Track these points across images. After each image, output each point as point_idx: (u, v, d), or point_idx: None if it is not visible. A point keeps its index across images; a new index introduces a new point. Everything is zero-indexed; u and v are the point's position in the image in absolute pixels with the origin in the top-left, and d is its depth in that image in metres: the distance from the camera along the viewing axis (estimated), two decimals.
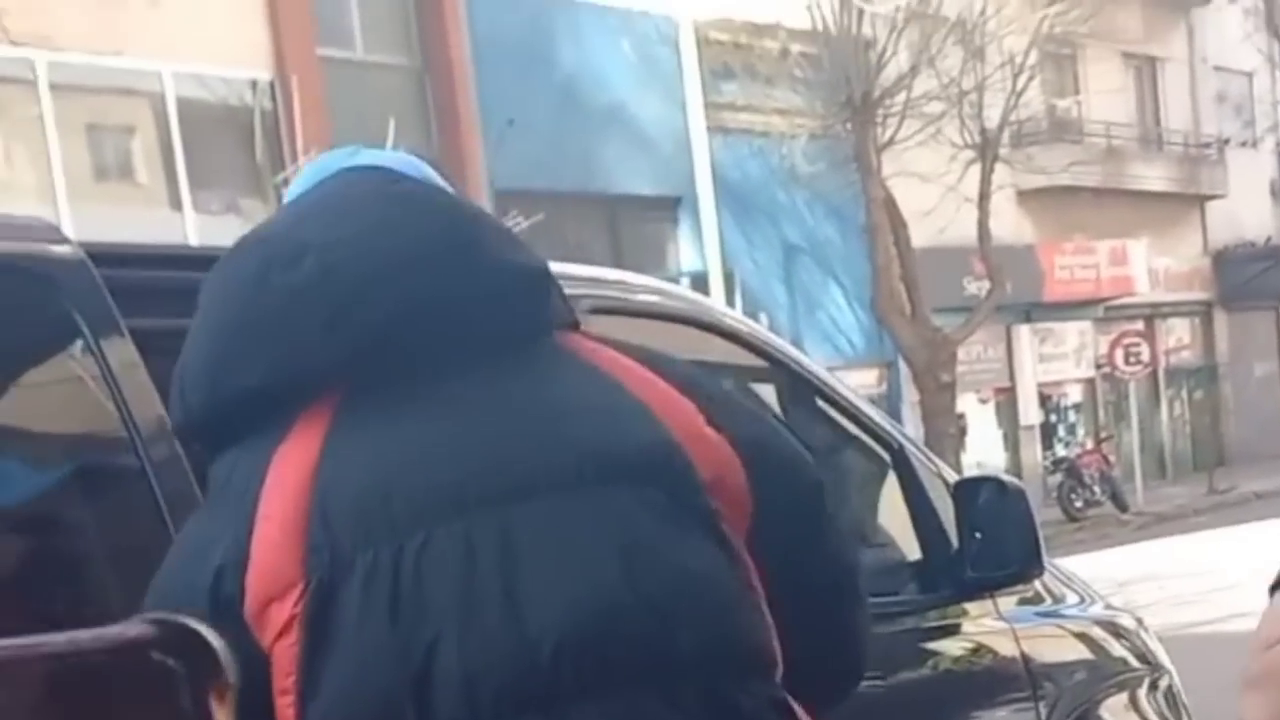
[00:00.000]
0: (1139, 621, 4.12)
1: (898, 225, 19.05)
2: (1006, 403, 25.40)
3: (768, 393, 3.60)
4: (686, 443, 1.75)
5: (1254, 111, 30.73)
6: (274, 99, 14.22)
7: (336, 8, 15.54)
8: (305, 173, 1.98)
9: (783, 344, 3.55)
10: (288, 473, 1.71)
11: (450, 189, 1.94)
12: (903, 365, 20.45)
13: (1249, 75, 30.76)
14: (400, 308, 1.73)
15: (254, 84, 14.32)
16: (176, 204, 13.27)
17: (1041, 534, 3.39)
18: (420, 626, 1.65)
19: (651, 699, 1.66)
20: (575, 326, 1.89)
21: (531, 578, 1.66)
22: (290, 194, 1.96)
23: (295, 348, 1.72)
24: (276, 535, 1.68)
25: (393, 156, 1.98)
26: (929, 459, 3.61)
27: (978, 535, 3.32)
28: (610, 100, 18.68)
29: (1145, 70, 29.00)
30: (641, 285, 3.28)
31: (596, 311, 2.70)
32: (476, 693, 1.63)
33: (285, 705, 1.68)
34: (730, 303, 17.47)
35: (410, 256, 1.75)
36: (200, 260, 2.26)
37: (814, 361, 3.67)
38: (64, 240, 2.23)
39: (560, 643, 1.64)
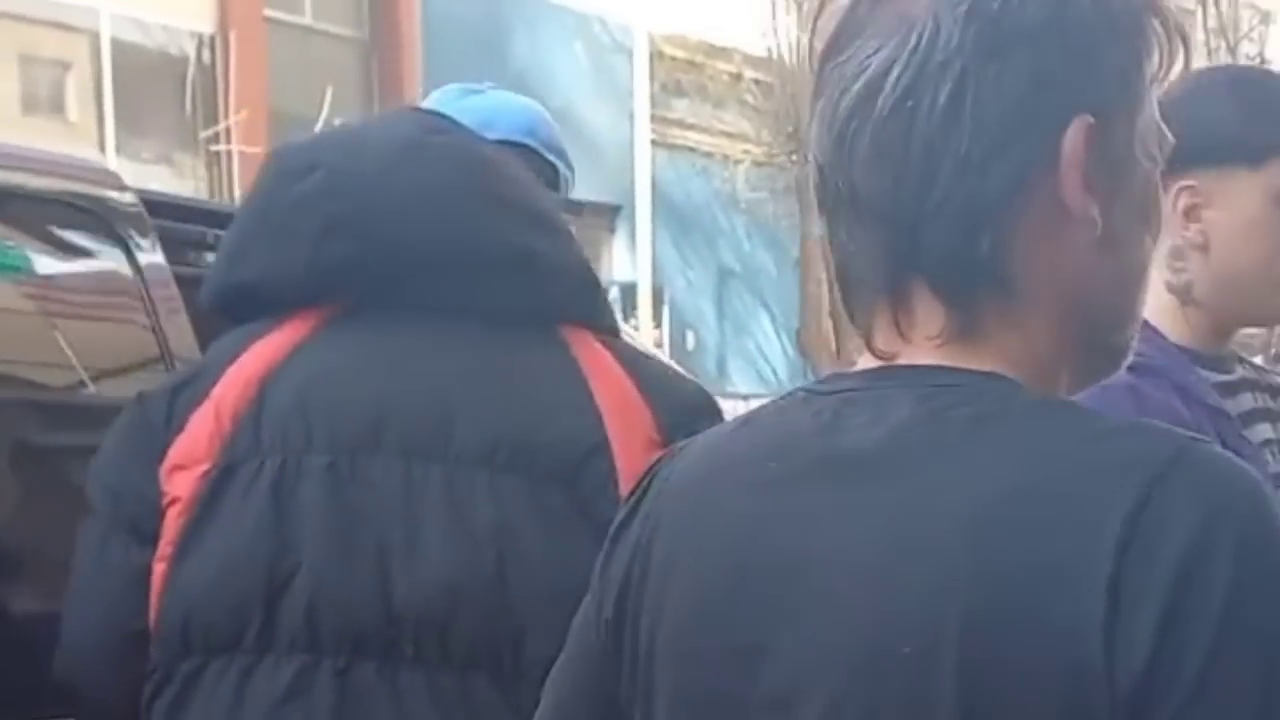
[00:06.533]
0: None
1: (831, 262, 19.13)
2: None
3: None
4: (622, 453, 1.76)
5: None
6: (213, 53, 14.03)
7: None
8: (433, 97, 2.31)
9: None
10: (251, 363, 1.81)
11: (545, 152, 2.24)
12: None
13: None
14: (384, 249, 1.82)
15: (196, 36, 14.14)
16: (103, 146, 13.14)
17: None
18: (297, 542, 1.72)
19: (483, 684, 1.70)
20: (601, 329, 1.91)
21: (409, 537, 1.72)
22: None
23: (286, 255, 1.83)
24: (212, 412, 1.78)
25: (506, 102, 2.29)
26: None
27: None
28: (559, 102, 18.59)
29: None
30: None
31: None
32: (318, 622, 1.71)
33: (159, 572, 1.76)
34: (658, 317, 17.51)
35: (410, 206, 1.82)
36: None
37: (737, 387, 3.74)
38: (125, 188, 2.53)
39: (406, 609, 1.71)
